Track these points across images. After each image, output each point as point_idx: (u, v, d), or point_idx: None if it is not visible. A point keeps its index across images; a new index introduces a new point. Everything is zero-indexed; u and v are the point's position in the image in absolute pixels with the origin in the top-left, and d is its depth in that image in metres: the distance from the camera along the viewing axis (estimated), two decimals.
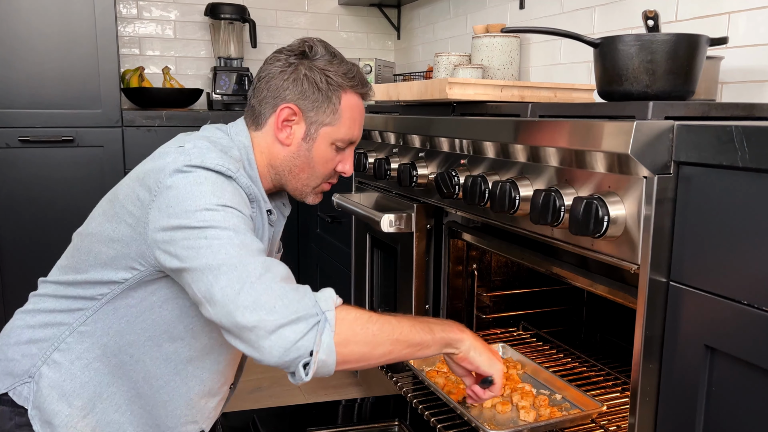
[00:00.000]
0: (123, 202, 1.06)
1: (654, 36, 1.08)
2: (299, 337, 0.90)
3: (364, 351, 0.96)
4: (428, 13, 3.04)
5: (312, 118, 1.13)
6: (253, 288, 0.91)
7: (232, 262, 0.93)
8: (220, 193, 0.99)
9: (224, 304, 0.91)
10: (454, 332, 1.06)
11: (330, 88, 1.12)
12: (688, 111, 1.01)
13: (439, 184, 1.35)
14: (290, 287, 0.95)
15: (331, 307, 0.95)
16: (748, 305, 0.78)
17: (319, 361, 0.91)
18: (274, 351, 0.90)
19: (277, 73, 1.13)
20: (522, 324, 1.77)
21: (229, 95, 2.85)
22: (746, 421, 0.81)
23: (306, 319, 0.91)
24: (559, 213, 1.01)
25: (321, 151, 1.16)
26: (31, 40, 2.30)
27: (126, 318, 1.09)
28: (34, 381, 1.09)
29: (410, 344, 1.00)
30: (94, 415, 1.11)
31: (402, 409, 1.54)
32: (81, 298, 1.09)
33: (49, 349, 1.10)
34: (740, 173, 0.79)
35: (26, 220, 2.36)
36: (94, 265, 1.08)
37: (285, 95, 1.12)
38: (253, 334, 0.90)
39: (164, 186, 0.99)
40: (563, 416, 1.22)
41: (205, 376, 1.17)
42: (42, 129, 2.35)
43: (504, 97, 1.47)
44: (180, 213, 0.97)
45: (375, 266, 2.00)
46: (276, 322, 0.90)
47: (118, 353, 1.10)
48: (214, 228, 0.95)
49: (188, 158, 1.01)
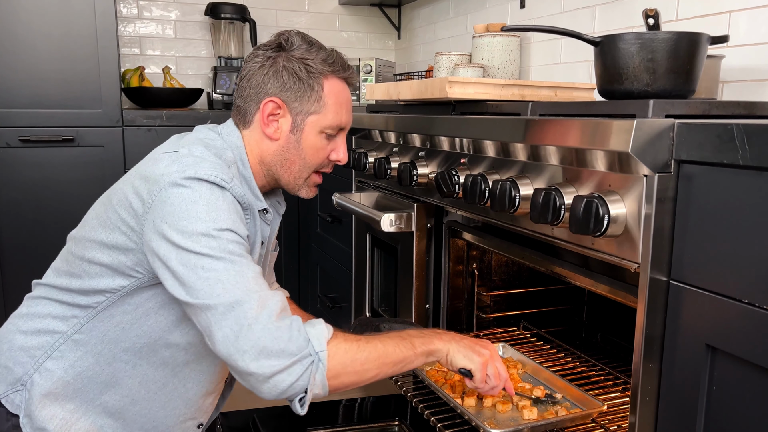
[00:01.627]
0: (116, 208, 1.05)
1: (655, 34, 1.08)
2: (295, 380, 0.95)
3: (354, 379, 1.02)
4: (429, 13, 3.04)
5: (297, 109, 1.13)
6: (251, 331, 0.94)
7: (228, 301, 0.95)
8: (215, 215, 0.99)
9: (224, 348, 0.95)
10: (433, 343, 1.11)
11: (311, 75, 1.12)
12: (689, 109, 1.01)
13: (440, 183, 1.35)
14: (285, 326, 0.97)
15: (323, 347, 0.98)
16: (749, 304, 0.78)
17: (313, 395, 0.98)
18: (273, 392, 0.96)
19: (256, 69, 1.13)
20: (522, 323, 1.77)
21: (229, 95, 2.85)
22: (747, 422, 0.80)
23: (301, 361, 0.96)
24: (559, 212, 1.01)
25: (310, 140, 1.15)
26: (31, 39, 2.30)
27: (122, 325, 1.08)
28: (26, 389, 1.08)
29: (395, 363, 1.06)
30: (87, 419, 1.10)
31: (402, 409, 1.54)
32: (76, 306, 1.08)
33: (42, 357, 1.08)
34: (741, 172, 0.78)
35: (26, 220, 2.36)
36: (89, 272, 1.07)
37: (267, 89, 1.12)
38: (252, 378, 0.95)
39: (159, 199, 0.99)
40: (564, 416, 1.22)
41: (202, 378, 1.17)
42: (42, 129, 2.35)
43: (504, 96, 1.46)
44: (176, 231, 0.97)
45: (375, 266, 2.00)
46: (273, 368, 0.94)
47: (112, 361, 1.09)
48: (210, 257, 0.96)
49: (182, 168, 1.01)
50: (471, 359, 1.12)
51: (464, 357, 1.12)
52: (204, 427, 1.25)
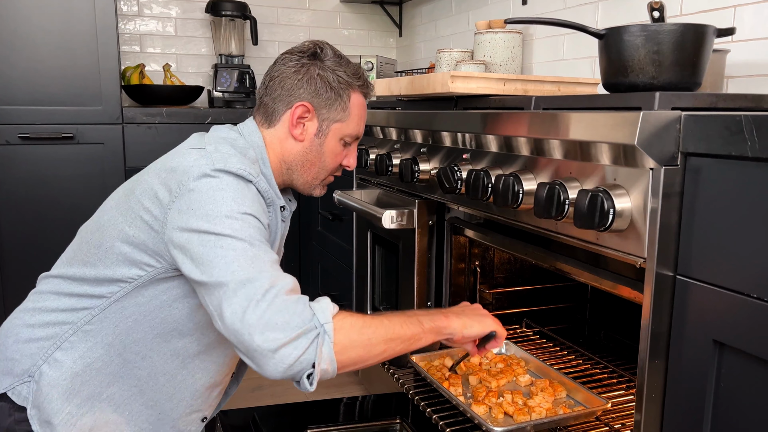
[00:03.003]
0: (140, 197, 1.08)
1: (660, 26, 1.06)
2: (301, 353, 0.94)
3: (362, 354, 1.01)
4: (430, 10, 3.02)
5: (324, 115, 1.20)
6: (258, 306, 0.94)
7: (241, 278, 0.96)
8: (241, 200, 1.03)
9: (231, 323, 0.95)
10: (440, 320, 1.12)
11: (341, 87, 1.20)
12: (696, 102, 0.99)
13: (442, 179, 1.34)
14: (291, 300, 0.97)
15: (329, 319, 0.98)
16: (757, 299, 0.77)
17: (322, 371, 0.96)
18: (279, 368, 0.94)
19: (290, 73, 1.19)
20: (525, 321, 1.76)
21: (230, 93, 2.84)
22: (756, 419, 0.79)
23: (306, 334, 0.95)
24: (563, 206, 0.99)
25: (331, 146, 1.23)
26: (31, 37, 2.29)
27: (134, 317, 1.09)
28: (33, 380, 1.08)
29: (403, 340, 1.06)
30: (93, 414, 1.10)
31: (404, 407, 1.53)
32: (87, 296, 1.09)
33: (51, 348, 1.09)
34: (750, 164, 0.77)
35: (27, 218, 2.35)
36: (105, 260, 1.08)
37: (299, 94, 1.18)
38: (258, 353, 0.94)
39: (187, 189, 1.03)
40: (567, 413, 1.21)
41: (211, 368, 1.19)
42: (42, 126, 2.34)
43: (507, 90, 1.45)
44: (200, 216, 1.00)
45: (376, 263, 1.99)
46: (278, 341, 0.93)
47: (122, 351, 1.10)
48: (231, 237, 0.99)
49: (212, 162, 1.05)
50: (484, 323, 1.17)
51: (479, 324, 1.16)
52: (207, 421, 1.26)
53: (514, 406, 1.22)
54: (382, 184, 1.83)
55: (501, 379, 1.34)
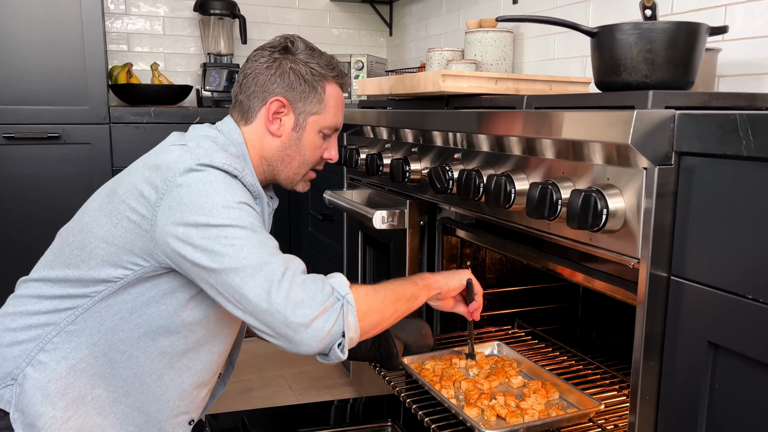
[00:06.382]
0: (124, 198, 1.07)
1: (653, 24, 1.05)
2: (332, 325, 0.99)
3: (378, 317, 1.08)
4: (420, 10, 3.01)
5: (300, 109, 1.20)
6: (281, 286, 0.97)
7: (255, 263, 0.98)
8: (232, 191, 1.04)
9: (257, 304, 0.97)
10: (426, 278, 1.23)
11: (315, 78, 1.20)
12: (689, 101, 0.98)
13: (433, 178, 1.32)
14: (310, 278, 1.02)
15: (348, 291, 1.03)
16: (752, 300, 0.76)
17: (350, 338, 1.01)
18: (313, 342, 0.98)
19: (263, 69, 1.19)
20: (517, 322, 1.75)
21: (219, 92, 2.81)
22: (750, 420, 0.78)
23: (333, 306, 1.00)
24: (556, 206, 0.98)
25: (310, 139, 1.22)
26: (16, 35, 2.26)
27: (120, 315, 1.08)
28: (17, 383, 1.06)
29: (407, 299, 1.14)
30: (78, 418, 1.08)
31: (395, 409, 1.51)
32: (70, 297, 1.07)
33: (35, 350, 1.07)
34: (745, 163, 0.76)
35: (12, 219, 2.31)
36: (89, 261, 1.07)
37: (273, 89, 1.18)
38: (290, 330, 0.97)
39: (174, 184, 1.02)
40: (560, 415, 1.20)
41: (199, 368, 1.17)
42: (27, 126, 2.30)
43: (498, 89, 1.44)
44: (195, 210, 1.00)
45: (367, 264, 1.97)
46: (309, 316, 0.97)
47: (107, 351, 1.08)
48: (233, 227, 1.00)
49: (196, 157, 1.06)
50: (459, 275, 1.28)
51: (455, 276, 1.28)
52: (194, 423, 1.24)
53: (506, 409, 1.21)
54: (373, 184, 1.82)
55: (493, 381, 1.33)
